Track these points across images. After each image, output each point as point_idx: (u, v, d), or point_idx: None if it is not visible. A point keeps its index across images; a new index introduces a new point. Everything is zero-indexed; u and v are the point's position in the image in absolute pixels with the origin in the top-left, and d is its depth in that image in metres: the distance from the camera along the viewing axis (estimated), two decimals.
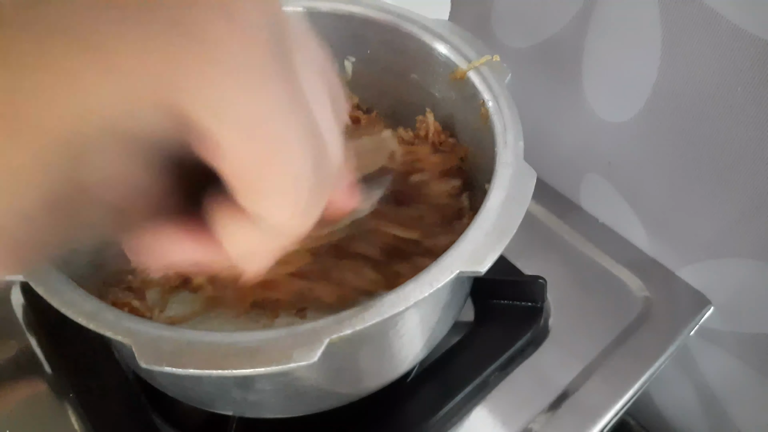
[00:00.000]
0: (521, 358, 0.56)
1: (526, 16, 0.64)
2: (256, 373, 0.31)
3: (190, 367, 0.31)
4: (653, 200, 0.61)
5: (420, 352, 0.48)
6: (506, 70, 0.53)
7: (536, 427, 0.52)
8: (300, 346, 0.33)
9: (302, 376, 0.42)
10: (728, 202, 0.53)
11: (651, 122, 0.56)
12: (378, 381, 0.47)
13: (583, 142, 0.65)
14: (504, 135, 0.47)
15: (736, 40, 0.46)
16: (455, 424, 0.52)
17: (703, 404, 0.65)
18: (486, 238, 0.39)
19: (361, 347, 0.43)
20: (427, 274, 0.37)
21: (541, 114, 0.67)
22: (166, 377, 0.45)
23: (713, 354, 0.62)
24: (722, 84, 0.49)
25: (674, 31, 0.50)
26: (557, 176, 0.71)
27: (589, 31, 0.58)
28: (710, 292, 0.60)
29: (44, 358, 0.56)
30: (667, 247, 0.62)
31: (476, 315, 0.59)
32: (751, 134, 0.49)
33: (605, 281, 0.63)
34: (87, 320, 0.35)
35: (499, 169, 0.44)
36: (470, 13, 0.72)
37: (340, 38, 0.62)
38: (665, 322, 0.59)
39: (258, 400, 0.44)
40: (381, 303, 0.35)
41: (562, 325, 0.59)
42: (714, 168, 0.53)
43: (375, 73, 0.64)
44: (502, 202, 0.41)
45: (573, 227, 0.67)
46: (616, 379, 0.55)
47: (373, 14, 0.59)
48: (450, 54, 0.55)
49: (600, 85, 0.60)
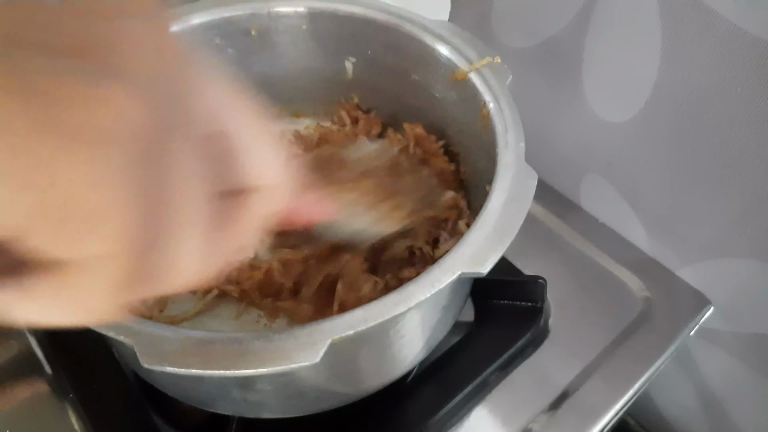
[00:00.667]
0: (521, 358, 0.56)
1: (527, 16, 0.64)
2: (258, 374, 0.31)
3: (192, 367, 0.31)
4: (653, 200, 0.61)
5: (420, 352, 0.48)
6: (507, 72, 0.53)
7: (536, 427, 0.52)
8: (302, 346, 0.33)
9: (303, 376, 0.42)
10: (728, 202, 0.53)
11: (651, 122, 0.56)
12: (378, 381, 0.47)
13: (583, 142, 0.65)
14: (505, 136, 0.47)
15: (736, 40, 0.46)
16: (455, 424, 0.52)
17: (703, 404, 0.65)
18: (487, 240, 0.39)
19: (362, 348, 0.43)
20: (429, 275, 0.37)
21: (541, 114, 0.67)
22: (166, 377, 0.45)
23: (713, 354, 0.62)
24: (722, 84, 0.49)
25: (674, 31, 0.50)
26: (557, 176, 0.71)
27: (589, 31, 0.58)
28: (710, 292, 0.60)
29: (44, 359, 0.56)
30: (667, 247, 0.62)
31: (476, 315, 0.59)
32: (751, 134, 0.49)
33: (605, 281, 0.63)
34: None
35: (500, 171, 0.44)
36: (470, 13, 0.72)
37: (341, 39, 0.63)
38: (665, 322, 0.59)
39: (259, 400, 0.44)
40: (382, 304, 0.35)
41: (562, 325, 0.59)
42: (714, 168, 0.53)
43: (375, 73, 0.64)
44: (503, 204, 0.42)
45: (573, 227, 0.67)
46: (616, 379, 0.55)
47: (373, 15, 0.59)
48: (450, 55, 0.55)
49: (600, 85, 0.60)
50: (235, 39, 0.61)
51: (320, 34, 0.63)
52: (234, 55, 0.62)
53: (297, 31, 0.63)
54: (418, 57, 0.58)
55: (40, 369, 0.55)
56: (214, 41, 0.61)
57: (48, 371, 0.55)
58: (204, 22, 0.59)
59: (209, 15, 0.59)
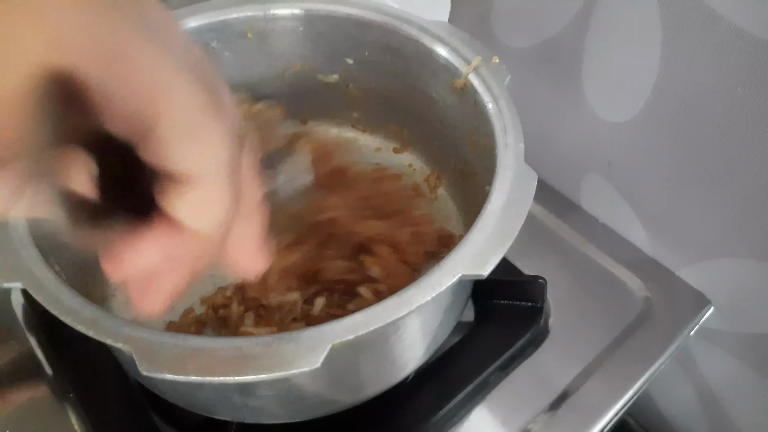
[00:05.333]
0: (521, 358, 0.56)
1: (527, 16, 0.64)
2: (259, 380, 0.31)
3: (192, 374, 0.31)
4: (653, 200, 0.61)
5: (422, 356, 0.48)
6: (506, 72, 0.52)
7: (536, 427, 0.52)
8: (302, 351, 0.32)
9: (305, 381, 0.42)
10: (728, 202, 0.53)
11: (651, 122, 0.56)
12: (380, 386, 0.47)
13: (583, 142, 0.65)
14: (504, 137, 0.47)
15: (736, 40, 0.46)
16: (455, 425, 0.52)
17: (703, 404, 0.65)
18: (487, 242, 0.39)
19: (363, 352, 0.43)
20: (430, 277, 0.37)
21: (540, 114, 0.67)
22: (166, 384, 0.45)
23: (713, 354, 0.62)
24: (722, 84, 0.49)
25: (674, 31, 0.50)
26: (557, 176, 0.71)
27: (589, 31, 0.58)
28: (710, 292, 0.60)
29: (44, 359, 0.56)
30: (667, 247, 0.62)
31: (476, 315, 0.59)
32: (751, 134, 0.49)
33: (605, 281, 0.63)
34: (87, 328, 0.35)
35: (500, 172, 0.44)
36: (470, 14, 0.72)
37: (338, 40, 0.62)
38: (665, 322, 0.59)
39: (259, 405, 0.44)
40: (383, 307, 0.35)
41: (562, 325, 0.59)
42: (714, 168, 0.53)
43: (373, 75, 0.63)
44: (503, 205, 0.41)
45: (573, 227, 0.67)
46: (616, 379, 0.55)
47: (370, 16, 0.59)
48: (449, 56, 0.55)
49: (600, 85, 0.60)
50: (232, 42, 0.61)
51: (317, 35, 0.62)
52: (231, 59, 0.62)
53: (294, 33, 0.62)
54: (416, 58, 0.58)
55: (40, 369, 0.55)
56: (211, 45, 0.60)
57: (48, 372, 0.55)
58: (200, 25, 0.59)
59: (205, 18, 0.59)
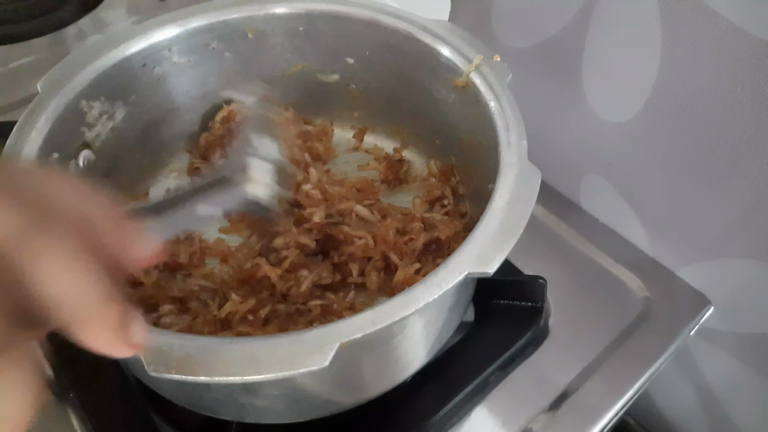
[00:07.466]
0: (521, 358, 0.56)
1: (527, 16, 0.64)
2: (267, 380, 0.31)
3: (200, 374, 0.31)
4: (653, 200, 0.61)
5: (426, 355, 0.48)
6: (507, 70, 0.53)
7: (536, 427, 0.52)
8: (310, 350, 0.32)
9: (310, 381, 0.41)
10: (728, 201, 0.54)
11: (651, 122, 0.56)
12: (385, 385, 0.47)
13: (583, 142, 0.65)
14: (507, 135, 0.47)
15: (736, 40, 0.46)
16: (455, 424, 0.52)
17: (703, 404, 0.65)
18: (493, 239, 0.39)
19: (370, 351, 0.43)
20: (436, 275, 0.37)
21: (541, 114, 0.67)
22: (172, 384, 0.45)
23: (713, 354, 0.62)
24: (722, 84, 0.49)
25: (674, 31, 0.50)
26: (557, 176, 0.71)
27: (589, 31, 0.58)
28: (710, 292, 0.61)
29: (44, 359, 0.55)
30: (667, 247, 0.63)
31: (476, 315, 0.59)
32: (751, 134, 0.49)
33: (605, 281, 0.63)
34: None
35: (503, 170, 0.44)
36: (470, 13, 0.72)
37: (339, 40, 0.62)
38: (665, 322, 0.59)
39: (264, 405, 0.44)
40: (391, 306, 0.35)
41: (562, 325, 0.59)
42: (714, 168, 0.53)
43: (373, 74, 0.63)
44: (508, 203, 0.42)
45: (573, 227, 0.67)
46: (616, 379, 0.55)
47: (371, 15, 0.59)
48: (450, 55, 0.55)
49: (600, 84, 0.60)
50: (232, 41, 0.61)
51: (317, 35, 0.62)
52: (231, 59, 0.62)
53: (294, 33, 0.62)
54: (417, 57, 0.58)
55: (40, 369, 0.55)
56: (211, 45, 0.60)
57: (48, 372, 0.55)
58: (200, 25, 0.59)
59: (205, 18, 0.59)
